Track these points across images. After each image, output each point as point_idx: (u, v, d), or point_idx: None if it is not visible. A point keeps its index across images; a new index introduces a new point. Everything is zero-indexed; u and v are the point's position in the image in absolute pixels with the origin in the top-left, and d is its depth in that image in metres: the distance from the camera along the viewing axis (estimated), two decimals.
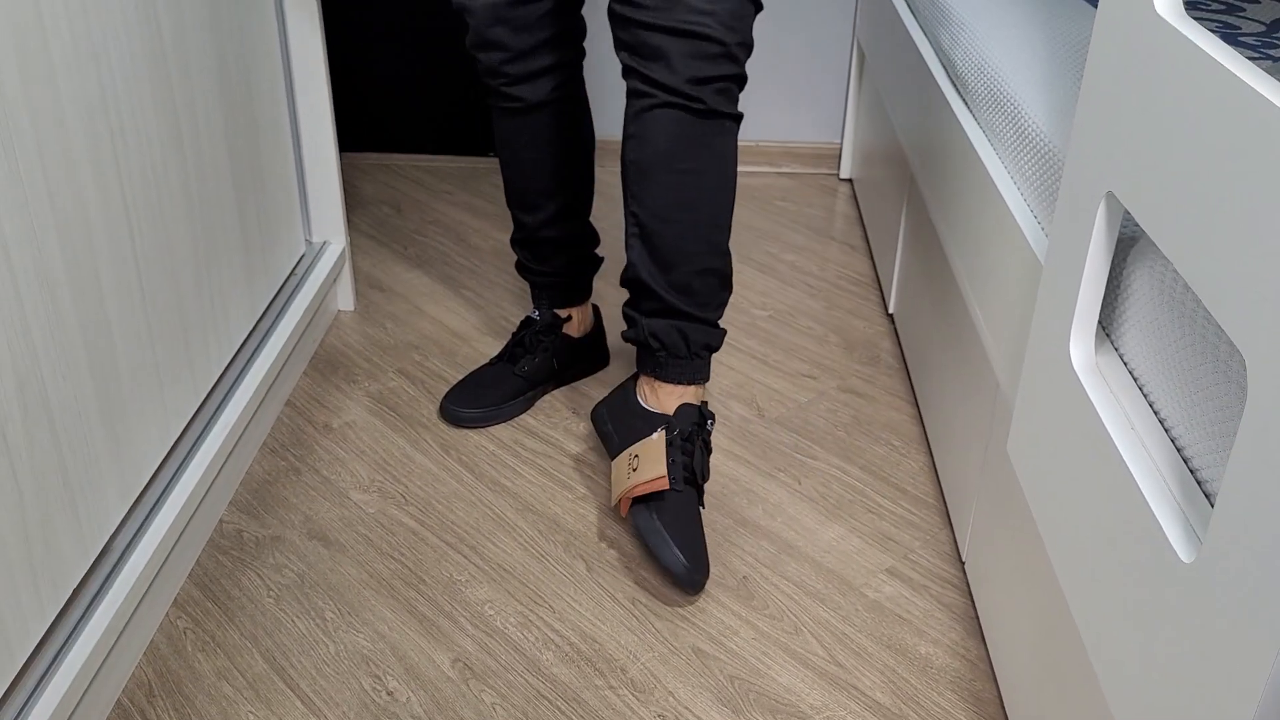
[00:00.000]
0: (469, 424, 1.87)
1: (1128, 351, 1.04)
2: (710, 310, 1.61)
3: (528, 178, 1.78)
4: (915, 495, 1.75)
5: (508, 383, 1.90)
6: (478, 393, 1.89)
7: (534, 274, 1.89)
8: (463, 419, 1.87)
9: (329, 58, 2.82)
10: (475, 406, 1.87)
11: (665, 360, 1.63)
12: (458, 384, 1.91)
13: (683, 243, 1.54)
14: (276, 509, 1.69)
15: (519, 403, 1.90)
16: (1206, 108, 0.80)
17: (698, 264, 1.56)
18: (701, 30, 1.41)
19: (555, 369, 1.93)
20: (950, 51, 1.76)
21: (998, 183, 1.40)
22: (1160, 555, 0.85)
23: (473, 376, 1.92)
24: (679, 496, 1.56)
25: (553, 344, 1.91)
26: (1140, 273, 1.02)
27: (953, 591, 1.57)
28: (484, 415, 1.87)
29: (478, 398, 1.88)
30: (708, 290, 1.59)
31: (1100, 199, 0.99)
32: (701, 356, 1.64)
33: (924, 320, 1.91)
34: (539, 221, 1.82)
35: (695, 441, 1.61)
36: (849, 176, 2.86)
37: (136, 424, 1.43)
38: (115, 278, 1.36)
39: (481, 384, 1.90)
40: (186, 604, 1.52)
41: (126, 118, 1.38)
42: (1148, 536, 0.87)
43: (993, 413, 1.46)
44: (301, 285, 1.98)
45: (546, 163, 1.76)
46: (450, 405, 1.88)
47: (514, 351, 1.92)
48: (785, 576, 1.59)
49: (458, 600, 1.54)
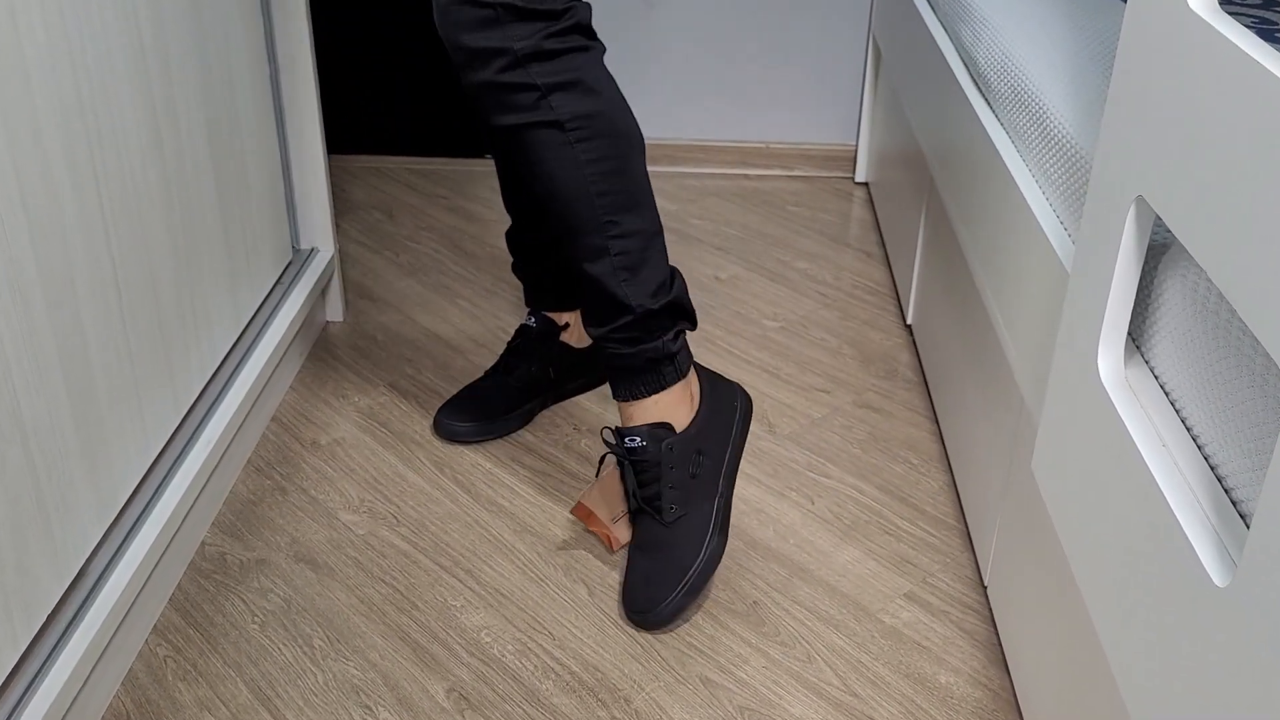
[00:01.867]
0: (464, 439, 1.87)
1: (1158, 364, 1.04)
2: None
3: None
4: (935, 516, 1.75)
5: (504, 395, 1.90)
6: (473, 406, 1.89)
7: (529, 273, 1.89)
8: (457, 433, 1.87)
9: (317, 54, 2.83)
10: (470, 420, 1.87)
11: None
12: (452, 398, 1.91)
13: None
14: (261, 530, 1.69)
15: (516, 416, 1.90)
16: (1242, 107, 0.80)
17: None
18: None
19: (552, 379, 1.92)
20: (971, 48, 1.76)
21: (1021, 186, 1.40)
22: (1193, 579, 0.84)
23: (467, 390, 1.91)
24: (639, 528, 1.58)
25: (549, 351, 1.90)
26: (1172, 281, 1.02)
27: (974, 617, 1.57)
28: (479, 429, 1.87)
29: (473, 411, 1.88)
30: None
31: (1130, 203, 0.99)
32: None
33: (944, 331, 1.91)
34: (539, 222, 1.82)
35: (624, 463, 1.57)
36: (865, 180, 2.87)
37: (114, 441, 1.43)
38: (91, 286, 1.37)
39: (476, 397, 1.90)
40: (167, 630, 1.52)
41: (104, 118, 1.38)
42: (1179, 559, 0.87)
43: (1016, 429, 1.46)
44: (288, 295, 1.99)
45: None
46: (444, 420, 1.87)
47: (508, 361, 1.92)
48: (798, 601, 1.59)
49: (452, 627, 1.54)
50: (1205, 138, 0.86)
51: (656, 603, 1.50)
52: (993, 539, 1.55)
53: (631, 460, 1.55)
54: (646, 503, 1.56)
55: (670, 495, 1.54)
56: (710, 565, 1.52)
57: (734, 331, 2.21)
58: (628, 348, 1.53)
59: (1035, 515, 1.37)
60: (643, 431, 1.54)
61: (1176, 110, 0.91)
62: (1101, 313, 1.04)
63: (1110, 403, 1.02)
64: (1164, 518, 0.90)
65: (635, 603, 1.52)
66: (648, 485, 1.55)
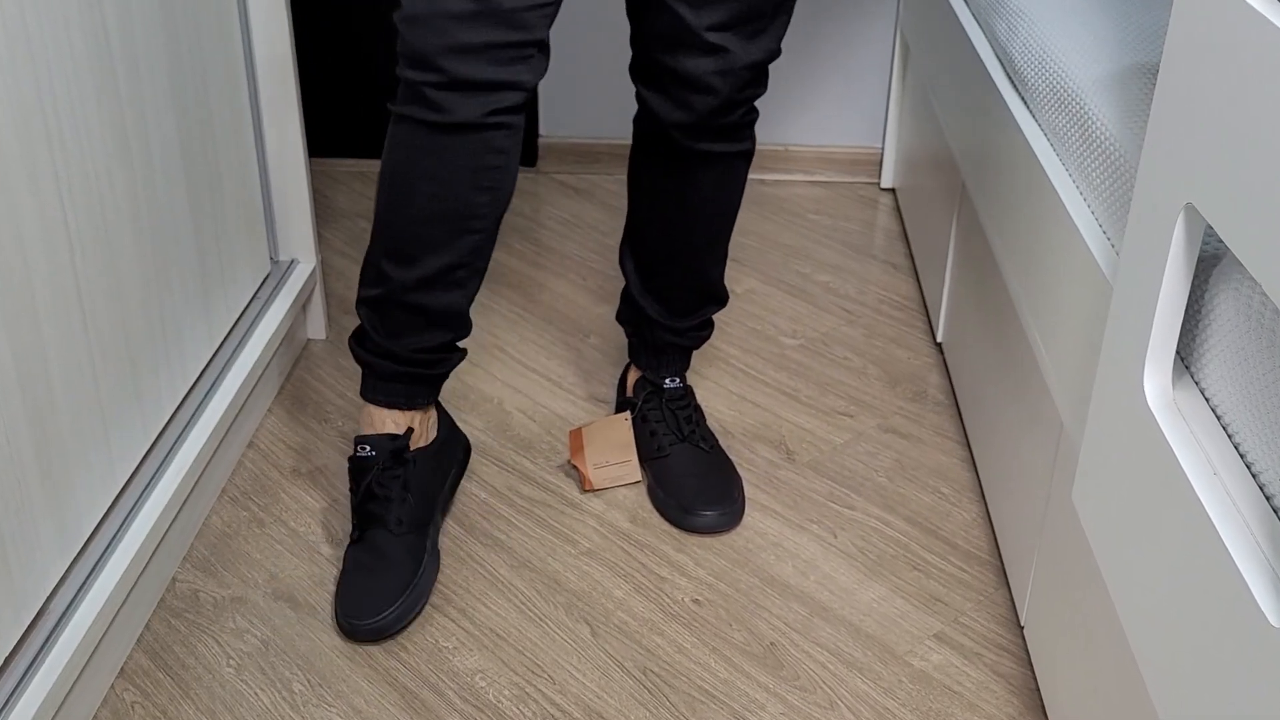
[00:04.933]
0: (383, 635, 1.58)
1: (1209, 385, 1.04)
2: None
3: (428, 215, 1.55)
4: (967, 550, 1.75)
5: (396, 553, 1.63)
6: (371, 588, 1.60)
7: (381, 355, 1.66)
8: (372, 630, 1.57)
9: (297, 50, 2.84)
10: (379, 611, 1.57)
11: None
12: (341, 584, 1.62)
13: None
14: (237, 566, 1.70)
15: (429, 564, 1.65)
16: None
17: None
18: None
19: (429, 497, 1.71)
20: (1007, 42, 1.77)
21: (1061, 193, 1.41)
22: (1246, 618, 0.84)
23: (353, 568, 1.63)
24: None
25: (409, 476, 1.68)
26: (1224, 296, 1.02)
27: (1010, 660, 1.57)
28: (398, 615, 1.58)
29: (376, 595, 1.59)
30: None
31: (1178, 212, 1.00)
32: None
33: (977, 350, 1.91)
34: (414, 279, 1.59)
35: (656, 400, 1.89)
36: (891, 186, 2.87)
37: (77, 469, 1.44)
38: (52, 300, 1.37)
39: (367, 572, 1.62)
40: (134, 674, 1.52)
41: (65, 119, 1.39)
42: (1232, 596, 0.87)
43: (1055, 456, 1.46)
44: (266, 310, 1.99)
45: (463, 196, 1.55)
46: (347, 619, 1.57)
47: (367, 510, 1.66)
48: (819, 643, 1.59)
49: (444, 670, 1.54)
50: (1260, 140, 0.86)
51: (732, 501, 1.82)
52: (1030, 575, 1.55)
53: (670, 400, 1.88)
54: (689, 436, 1.86)
55: (703, 428, 1.89)
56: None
57: (749, 350, 2.22)
58: (705, 330, 1.89)
59: (1076, 549, 1.37)
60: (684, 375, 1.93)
61: (1229, 110, 0.92)
62: (1148, 330, 1.04)
63: (1157, 427, 1.02)
64: (1215, 552, 0.90)
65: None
66: (689, 420, 1.87)
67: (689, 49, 1.55)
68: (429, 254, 1.55)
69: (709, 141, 1.66)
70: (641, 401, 1.88)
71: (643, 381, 1.90)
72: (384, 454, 1.65)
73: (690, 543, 1.75)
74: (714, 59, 1.55)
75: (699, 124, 1.62)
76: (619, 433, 1.87)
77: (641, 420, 1.87)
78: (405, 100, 1.48)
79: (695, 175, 1.70)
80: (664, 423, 1.86)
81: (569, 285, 2.40)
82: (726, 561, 1.71)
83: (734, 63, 1.56)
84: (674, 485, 1.81)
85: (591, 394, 2.06)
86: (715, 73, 1.56)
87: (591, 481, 1.83)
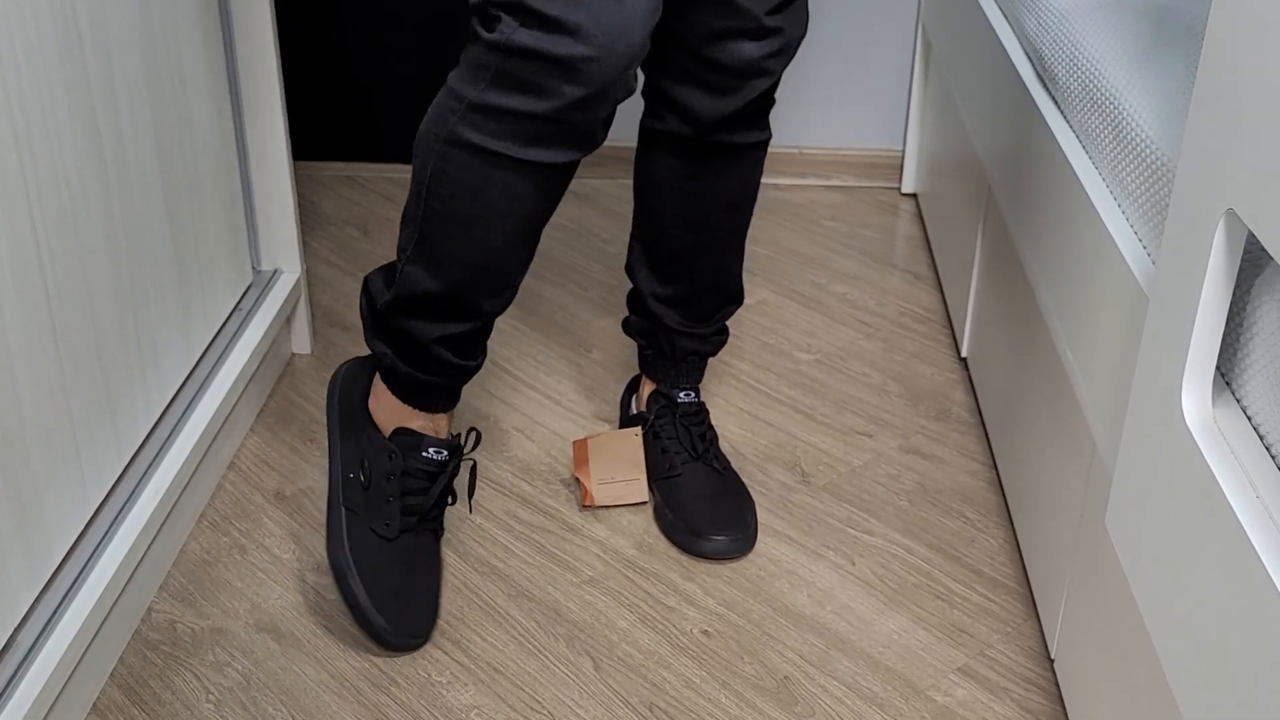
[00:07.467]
0: (419, 644, 1.63)
1: (1251, 403, 1.04)
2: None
3: (523, 237, 1.59)
4: (993, 578, 1.75)
5: (432, 561, 1.70)
6: (403, 593, 1.64)
7: (457, 375, 1.71)
8: (411, 642, 1.62)
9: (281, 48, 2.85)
10: (417, 617, 1.63)
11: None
12: (366, 594, 1.61)
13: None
14: (217, 595, 1.70)
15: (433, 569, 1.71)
16: None
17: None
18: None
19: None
20: (1037, 39, 1.77)
21: (1094, 198, 1.41)
22: None
23: (381, 568, 1.64)
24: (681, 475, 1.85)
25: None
26: (1267, 307, 1.02)
27: (1039, 695, 1.57)
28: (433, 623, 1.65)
29: (410, 604, 1.63)
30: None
31: (1219, 218, 1.00)
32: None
33: (1004, 366, 1.91)
34: (499, 307, 1.66)
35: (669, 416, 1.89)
36: (912, 191, 2.88)
37: (46, 492, 1.44)
38: (20, 312, 1.38)
39: (407, 574, 1.65)
40: (108, 711, 1.53)
41: (34, 118, 1.39)
42: (1276, 627, 0.87)
43: (1088, 478, 1.46)
44: (247, 323, 2.00)
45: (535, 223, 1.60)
46: (384, 634, 1.60)
47: (429, 514, 1.70)
48: (835, 677, 1.59)
49: (437, 706, 1.54)
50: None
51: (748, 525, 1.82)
52: (1060, 605, 1.56)
53: (685, 416, 1.89)
54: (703, 455, 1.87)
55: (716, 448, 1.90)
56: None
57: (762, 365, 2.22)
58: (724, 335, 1.91)
59: (1109, 577, 1.37)
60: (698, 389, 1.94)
61: (1273, 110, 0.92)
62: (1186, 344, 1.05)
63: (1196, 447, 1.02)
64: (1258, 579, 0.90)
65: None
66: (704, 438, 1.88)
67: (744, 36, 1.58)
68: (520, 274, 1.63)
69: (739, 133, 1.70)
70: (654, 417, 1.89)
71: (656, 395, 1.90)
72: (456, 457, 1.72)
73: (699, 570, 1.75)
74: (769, 41, 1.60)
75: (736, 114, 1.66)
76: (629, 448, 1.86)
77: (653, 437, 1.88)
78: (530, 141, 1.49)
79: (720, 169, 1.74)
80: (677, 439, 1.86)
81: (569, 296, 2.41)
82: (738, 590, 1.71)
83: (789, 41, 1.62)
84: (684, 507, 1.81)
85: (594, 412, 2.07)
86: (771, 55, 1.61)
87: (594, 497, 1.83)
